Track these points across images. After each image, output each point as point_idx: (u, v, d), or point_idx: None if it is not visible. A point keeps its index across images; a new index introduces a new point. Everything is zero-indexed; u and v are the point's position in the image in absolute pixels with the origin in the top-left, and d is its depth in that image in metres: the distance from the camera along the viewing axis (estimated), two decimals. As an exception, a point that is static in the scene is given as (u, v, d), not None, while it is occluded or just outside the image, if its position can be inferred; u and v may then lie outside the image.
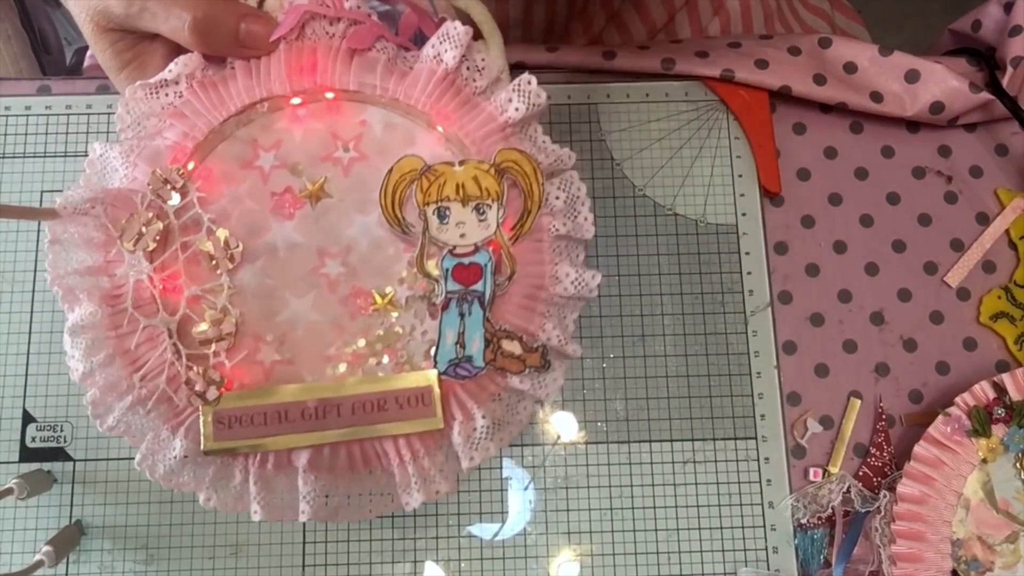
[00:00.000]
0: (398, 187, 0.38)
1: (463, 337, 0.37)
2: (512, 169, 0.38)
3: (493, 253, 0.38)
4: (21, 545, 0.48)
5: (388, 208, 0.38)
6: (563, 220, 0.39)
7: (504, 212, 0.38)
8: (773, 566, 0.49)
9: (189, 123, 0.39)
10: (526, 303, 0.38)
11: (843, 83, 0.54)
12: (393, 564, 0.48)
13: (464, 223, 0.38)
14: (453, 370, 0.37)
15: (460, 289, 0.37)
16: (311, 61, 0.39)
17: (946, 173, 0.55)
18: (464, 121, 0.39)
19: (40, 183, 0.53)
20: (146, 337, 0.37)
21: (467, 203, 0.38)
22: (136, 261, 0.37)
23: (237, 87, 0.39)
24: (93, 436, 0.49)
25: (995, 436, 0.48)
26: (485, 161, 0.38)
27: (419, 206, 0.38)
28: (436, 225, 0.38)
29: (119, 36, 0.40)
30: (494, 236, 0.38)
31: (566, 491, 0.50)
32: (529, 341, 0.37)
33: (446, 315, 0.37)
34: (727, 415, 0.51)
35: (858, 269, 0.53)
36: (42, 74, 0.72)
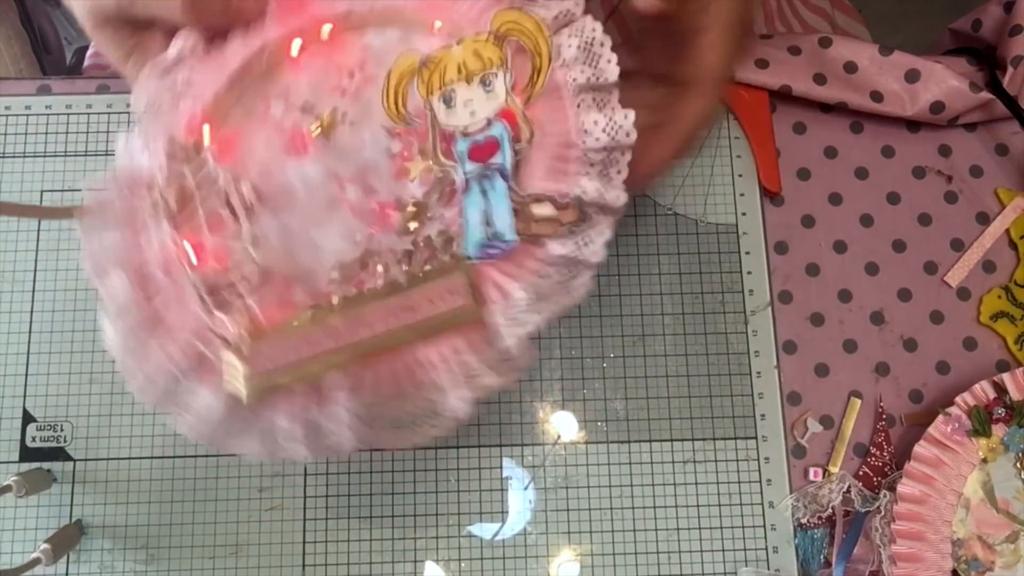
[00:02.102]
0: (398, 89, 0.36)
1: (488, 215, 0.35)
2: (512, 31, 0.36)
3: (508, 121, 0.36)
4: (21, 545, 0.48)
5: (393, 111, 0.36)
6: (581, 68, 0.36)
7: (511, 76, 0.36)
8: (773, 566, 0.49)
9: (196, 91, 0.38)
10: (556, 164, 0.35)
11: (843, 83, 0.54)
12: (393, 564, 0.48)
13: (472, 100, 0.36)
14: (484, 251, 0.35)
15: (479, 168, 0.35)
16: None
17: (946, 173, 0.55)
18: (459, 6, 0.37)
19: (40, 183, 0.53)
20: (175, 297, 0.36)
21: (471, 80, 0.36)
22: (159, 227, 0.36)
23: (234, 46, 0.39)
24: (93, 436, 0.49)
25: (995, 436, 0.48)
26: (482, 32, 0.36)
27: (423, 98, 0.36)
28: (444, 111, 0.36)
29: (118, 27, 0.40)
30: (505, 104, 0.36)
31: (566, 491, 0.50)
32: (561, 200, 0.34)
33: (467, 197, 0.35)
34: (727, 415, 0.51)
35: (858, 269, 0.53)
36: (42, 74, 0.72)
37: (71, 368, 0.50)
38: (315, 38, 0.39)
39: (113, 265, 0.36)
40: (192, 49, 0.39)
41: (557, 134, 0.36)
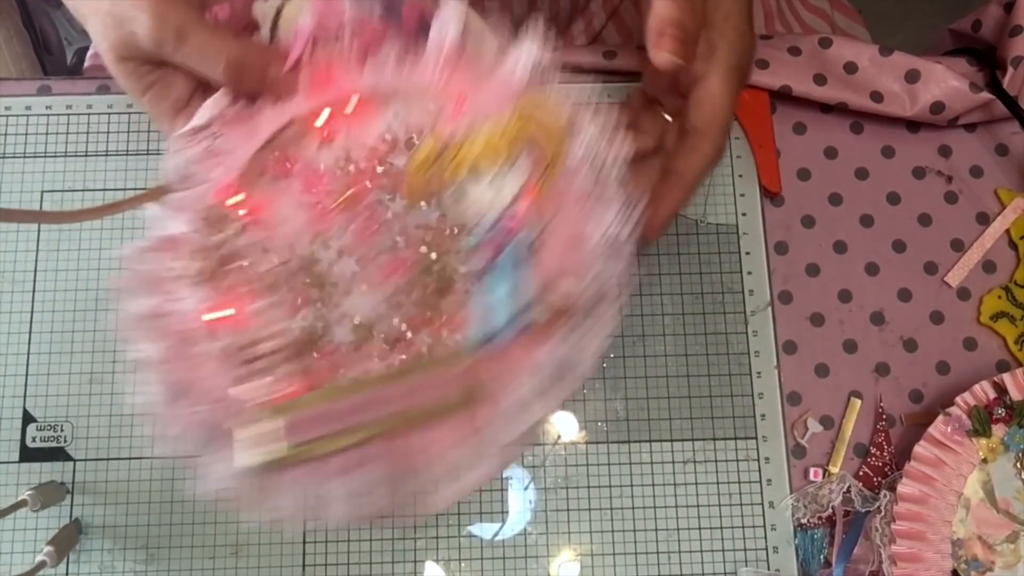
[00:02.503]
0: (420, 172, 0.39)
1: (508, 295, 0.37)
2: (529, 123, 0.38)
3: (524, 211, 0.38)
4: (21, 545, 0.48)
5: (414, 194, 0.39)
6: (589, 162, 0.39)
7: (529, 166, 0.38)
8: (773, 566, 0.49)
9: (227, 159, 0.40)
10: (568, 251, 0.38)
11: (843, 83, 0.54)
12: (393, 564, 0.48)
13: (490, 188, 0.38)
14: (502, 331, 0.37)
15: (494, 256, 0.38)
16: (327, 74, 0.41)
17: (946, 173, 0.55)
18: (479, 92, 0.40)
19: (40, 183, 0.53)
20: (210, 363, 0.38)
21: (491, 168, 0.38)
22: (191, 295, 0.38)
23: (264, 117, 0.41)
24: (93, 436, 0.49)
25: (995, 436, 0.48)
26: (501, 125, 0.38)
27: (444, 184, 0.39)
28: (463, 198, 0.39)
29: (141, 63, 0.40)
30: (523, 192, 0.38)
31: (566, 491, 0.50)
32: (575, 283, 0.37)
33: (487, 279, 0.38)
34: (727, 415, 0.51)
35: (858, 269, 0.53)
36: (44, 74, 0.73)
37: (71, 368, 0.50)
38: (341, 110, 0.41)
39: (147, 330, 0.38)
40: (222, 116, 0.40)
41: (571, 222, 0.38)
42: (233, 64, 0.39)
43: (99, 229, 0.52)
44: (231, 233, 0.39)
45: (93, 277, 0.51)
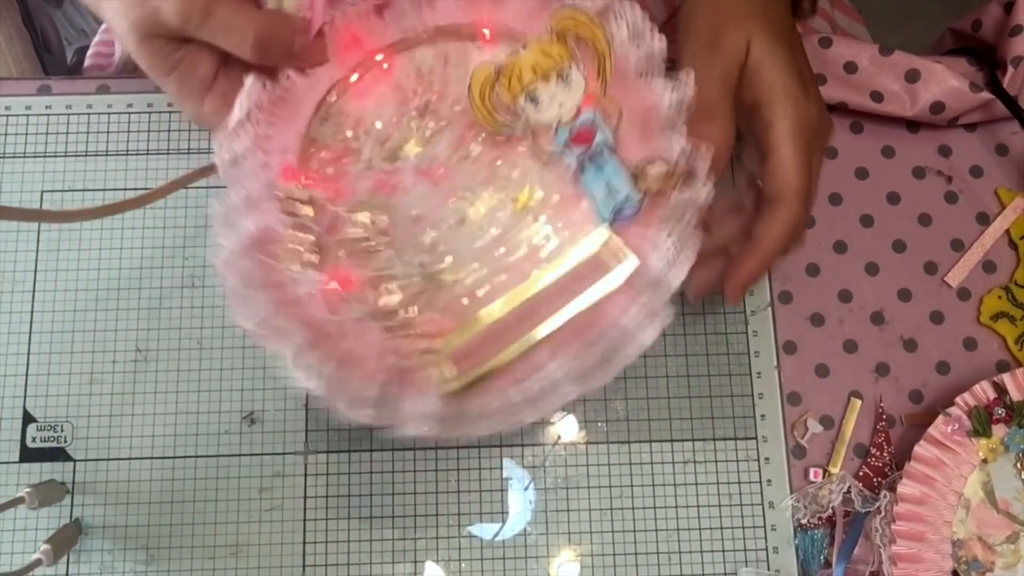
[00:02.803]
0: (483, 97, 0.39)
1: (610, 185, 0.38)
2: (570, 27, 0.39)
3: (595, 105, 0.39)
4: (21, 545, 0.48)
5: (486, 119, 0.40)
6: (634, 47, 0.40)
7: (584, 67, 0.39)
8: (773, 566, 0.49)
9: (280, 143, 0.41)
10: (643, 132, 0.39)
11: (843, 83, 0.54)
12: (393, 564, 0.48)
13: (556, 95, 0.39)
14: (618, 215, 0.38)
15: (584, 149, 0.39)
16: (352, 36, 0.41)
17: (946, 173, 0.55)
18: (504, 13, 0.41)
19: (40, 183, 0.53)
20: (357, 333, 0.39)
21: (548, 77, 0.39)
22: (309, 278, 0.39)
23: (302, 91, 0.41)
24: (93, 436, 0.49)
25: (995, 436, 0.48)
26: (543, 33, 0.39)
27: (511, 103, 0.39)
28: (533, 111, 0.39)
29: (165, 42, 0.40)
30: (586, 91, 0.39)
31: (566, 491, 0.50)
32: (667, 159, 0.38)
33: (586, 175, 0.39)
34: (727, 415, 0.51)
35: (858, 269, 0.53)
36: (44, 74, 0.72)
37: (71, 368, 0.50)
38: (372, 66, 0.42)
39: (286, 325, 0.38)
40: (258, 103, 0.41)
41: (635, 106, 0.40)
42: (261, 37, 0.39)
43: (99, 229, 0.52)
44: (314, 211, 0.40)
45: (93, 277, 0.51)
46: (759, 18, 0.45)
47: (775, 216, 0.43)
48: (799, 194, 0.43)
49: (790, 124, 0.43)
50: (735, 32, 0.44)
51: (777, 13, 0.46)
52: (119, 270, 0.52)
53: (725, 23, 0.45)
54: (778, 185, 0.43)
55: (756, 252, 0.44)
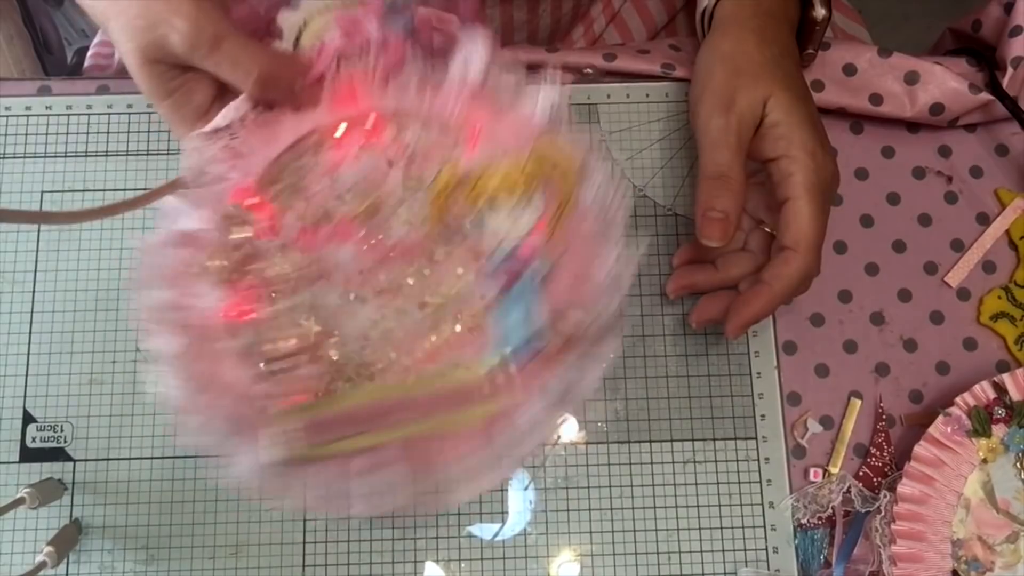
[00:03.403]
0: (441, 197, 0.40)
1: (529, 314, 0.39)
2: (545, 162, 0.40)
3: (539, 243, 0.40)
4: (21, 546, 0.48)
5: (435, 217, 0.40)
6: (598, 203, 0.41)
7: (543, 202, 0.40)
8: (773, 566, 0.49)
9: (246, 161, 0.41)
10: (576, 284, 0.40)
11: (842, 86, 0.54)
12: (393, 564, 0.48)
13: (507, 219, 0.40)
14: (523, 347, 0.39)
15: (512, 280, 0.39)
16: (350, 91, 0.42)
17: (946, 173, 0.55)
18: (497, 129, 0.41)
19: (40, 183, 0.53)
20: (231, 360, 0.39)
21: (508, 201, 0.40)
22: (211, 292, 0.39)
23: (287, 123, 0.42)
24: (93, 436, 0.50)
25: (995, 436, 0.48)
26: (519, 161, 0.40)
27: (468, 207, 0.40)
28: (481, 226, 0.40)
29: (167, 67, 0.40)
30: (537, 226, 0.40)
31: (566, 491, 0.50)
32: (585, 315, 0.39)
33: (503, 305, 0.39)
34: (727, 415, 0.51)
35: (858, 269, 0.53)
36: (44, 74, 0.73)
37: (71, 369, 0.50)
38: (359, 124, 0.42)
39: (167, 323, 0.38)
40: (243, 118, 0.41)
41: (579, 257, 0.40)
42: (265, 75, 0.40)
43: (99, 229, 0.52)
44: (248, 235, 0.40)
45: (93, 277, 0.52)
46: (776, 77, 0.47)
47: (787, 263, 0.45)
48: (812, 245, 0.45)
49: (808, 178, 0.45)
50: (751, 92, 0.46)
51: (792, 69, 0.49)
52: (119, 270, 0.52)
53: (741, 82, 0.47)
54: (794, 235, 0.45)
55: (765, 294, 0.45)
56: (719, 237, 0.45)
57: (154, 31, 0.38)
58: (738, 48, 0.48)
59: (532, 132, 0.41)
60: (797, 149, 0.45)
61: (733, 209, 0.45)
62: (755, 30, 0.48)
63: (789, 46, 0.50)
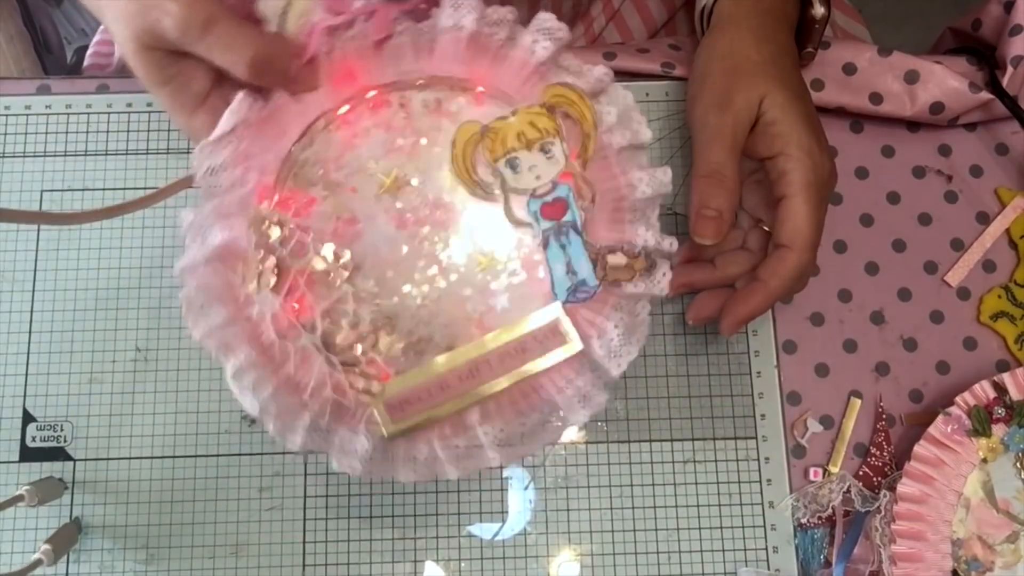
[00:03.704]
0: (465, 154, 0.41)
1: (570, 265, 0.40)
2: (561, 103, 0.40)
3: (571, 183, 0.40)
4: (21, 545, 0.48)
5: (464, 175, 0.41)
6: (621, 132, 0.41)
7: (567, 144, 0.40)
8: (773, 566, 0.49)
9: (260, 162, 0.41)
10: (614, 216, 0.40)
11: (842, 85, 0.54)
12: (393, 564, 0.48)
13: (536, 166, 0.40)
14: (572, 296, 0.40)
15: (553, 224, 0.40)
16: (347, 69, 0.42)
17: (946, 172, 0.55)
18: (500, 75, 0.41)
19: (40, 183, 0.53)
20: (299, 360, 0.39)
21: (532, 147, 0.40)
22: (264, 299, 0.39)
23: (291, 114, 0.42)
24: (93, 436, 0.50)
25: (995, 436, 0.48)
26: (534, 104, 0.40)
27: (490, 164, 0.40)
28: (511, 176, 0.40)
29: (163, 54, 0.40)
30: (565, 168, 0.40)
31: (566, 491, 0.50)
32: (629, 249, 0.40)
33: (549, 251, 0.40)
34: (727, 415, 0.51)
35: (858, 269, 0.53)
36: (44, 73, 0.73)
37: (71, 368, 0.50)
38: (363, 101, 0.42)
39: (233, 340, 0.39)
40: (245, 119, 0.41)
41: (610, 191, 0.41)
42: (259, 58, 0.39)
43: (99, 229, 0.52)
44: (282, 235, 0.40)
45: (93, 277, 0.51)
46: (773, 75, 0.47)
47: (784, 261, 0.45)
48: (808, 243, 0.45)
49: (804, 175, 0.45)
50: (747, 91, 0.46)
51: (789, 68, 0.49)
52: (119, 270, 0.52)
53: (738, 81, 0.47)
54: (790, 233, 0.45)
55: (760, 292, 0.45)
56: (712, 235, 0.45)
57: (146, 16, 0.38)
58: (735, 47, 0.48)
59: (537, 72, 0.41)
60: (793, 147, 0.45)
61: (727, 207, 0.45)
62: (752, 29, 0.48)
63: (787, 44, 0.49)
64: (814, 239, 0.45)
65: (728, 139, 0.46)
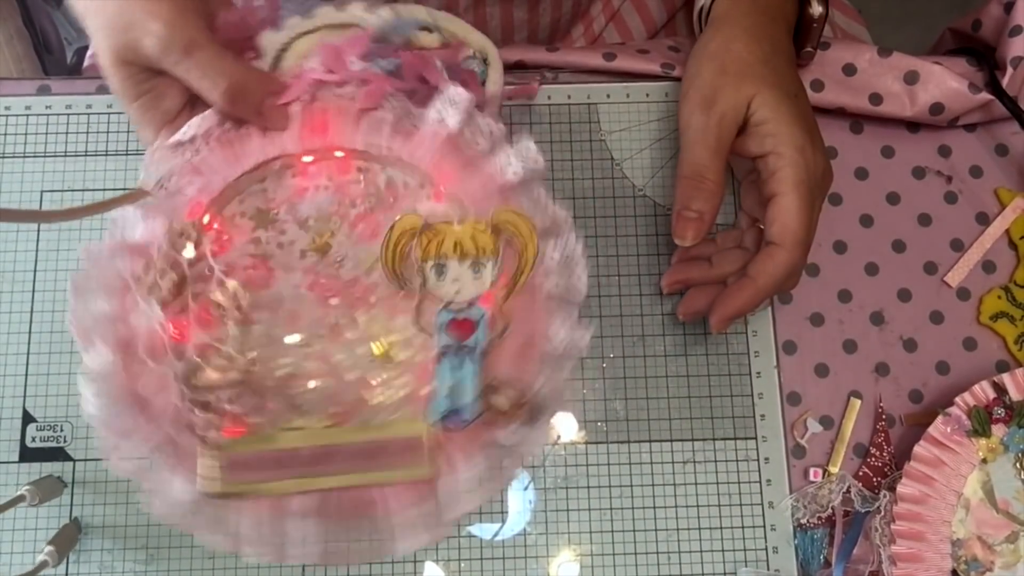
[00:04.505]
0: (399, 243, 0.40)
1: (455, 389, 0.39)
2: (508, 228, 0.40)
3: (489, 308, 0.39)
4: (21, 545, 0.48)
5: (389, 263, 0.40)
6: (557, 279, 0.40)
7: (499, 269, 0.40)
8: (773, 566, 0.49)
9: (206, 179, 0.41)
10: (520, 357, 0.39)
11: (842, 86, 0.54)
12: (393, 564, 0.48)
13: (460, 279, 0.40)
14: (445, 419, 0.39)
15: (454, 343, 0.39)
16: (322, 122, 0.42)
17: (946, 173, 0.55)
18: (465, 182, 0.41)
19: (40, 183, 0.53)
20: (156, 382, 0.38)
21: (464, 260, 0.40)
22: (150, 309, 0.38)
23: (252, 146, 0.41)
24: (93, 436, 0.49)
25: (995, 436, 0.48)
26: (483, 220, 0.40)
27: (417, 262, 0.40)
28: (433, 280, 0.40)
29: (139, 69, 0.40)
30: (488, 291, 0.39)
31: (566, 491, 0.50)
32: (517, 396, 0.39)
33: (440, 367, 0.39)
34: (727, 415, 0.51)
35: (858, 269, 0.53)
36: (44, 74, 0.73)
37: (71, 368, 0.50)
38: (326, 157, 0.42)
39: (100, 335, 0.38)
40: (208, 133, 0.41)
41: (526, 330, 0.39)
42: (233, 87, 0.40)
43: (98, 229, 0.52)
44: (194, 256, 0.39)
45: (93, 277, 0.51)
46: (763, 75, 0.47)
47: (772, 258, 0.45)
48: (798, 240, 0.45)
49: (795, 173, 0.45)
50: (734, 92, 0.46)
51: (782, 67, 0.48)
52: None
53: (727, 81, 0.47)
54: (779, 230, 0.45)
55: (749, 288, 0.46)
56: (692, 237, 0.45)
57: (129, 32, 0.38)
58: (726, 46, 0.48)
59: (501, 191, 0.41)
60: (784, 146, 0.45)
61: (708, 209, 0.45)
62: (747, 28, 0.48)
63: (781, 43, 0.49)
64: (804, 237, 0.45)
65: (712, 140, 0.46)
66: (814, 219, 0.46)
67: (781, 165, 0.45)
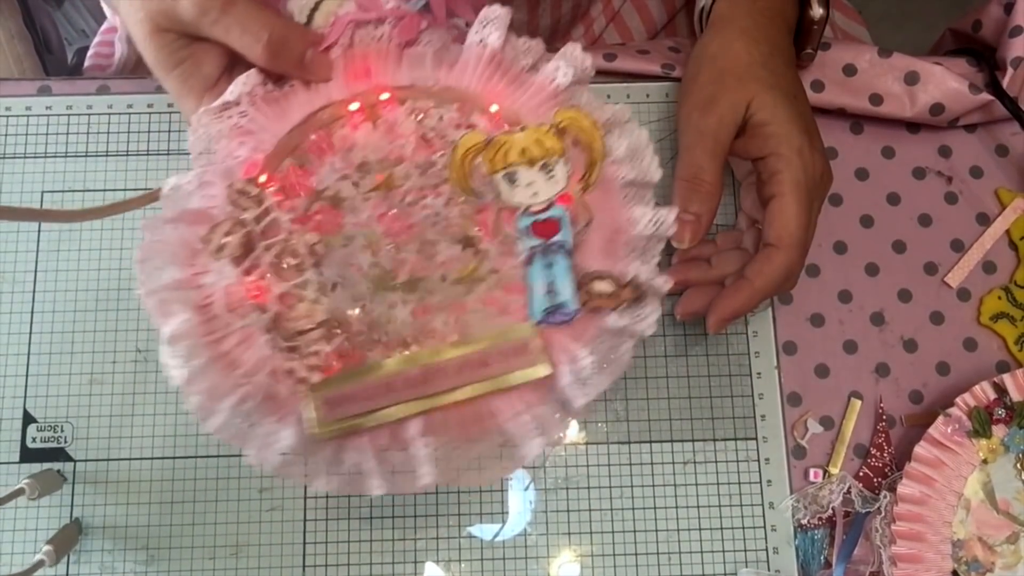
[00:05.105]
0: (464, 160, 0.39)
1: (552, 286, 0.38)
2: (571, 126, 0.39)
3: (568, 206, 0.39)
4: (22, 545, 0.48)
5: (460, 179, 0.39)
6: (629, 167, 0.40)
7: (571, 167, 0.39)
8: (773, 567, 0.49)
9: (256, 138, 0.40)
10: (608, 247, 0.39)
11: (842, 86, 0.54)
12: (393, 564, 0.48)
13: (534, 183, 0.39)
14: (549, 317, 0.38)
15: (541, 243, 0.38)
16: (365, 65, 0.41)
17: (946, 173, 0.55)
18: (516, 96, 0.41)
19: (41, 183, 0.53)
20: (241, 338, 0.37)
21: (534, 164, 0.39)
22: (222, 269, 0.38)
23: (298, 99, 0.41)
24: (93, 436, 0.50)
25: (995, 437, 0.48)
26: (544, 123, 0.39)
27: (488, 175, 0.39)
28: (507, 190, 0.39)
29: (175, 36, 0.40)
30: (565, 190, 0.39)
31: (566, 491, 0.50)
32: (618, 278, 0.38)
33: (531, 268, 0.38)
34: (727, 416, 0.51)
35: (858, 269, 0.53)
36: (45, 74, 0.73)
37: (72, 369, 0.50)
38: (374, 101, 0.41)
39: (178, 304, 0.37)
40: (252, 93, 0.40)
41: (608, 222, 0.39)
42: (275, 41, 0.39)
43: (99, 229, 0.52)
44: (258, 212, 0.39)
45: (93, 277, 0.52)
46: (760, 77, 0.47)
47: (769, 259, 0.45)
48: (796, 242, 0.45)
49: (794, 175, 0.45)
50: (732, 94, 0.46)
51: (781, 68, 0.48)
52: (119, 270, 0.52)
53: (724, 85, 0.47)
54: (777, 231, 0.45)
55: (745, 290, 0.45)
56: (689, 239, 0.45)
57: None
58: (725, 48, 0.48)
59: (555, 96, 0.41)
60: (783, 147, 0.45)
61: (705, 212, 0.45)
62: (746, 30, 0.48)
63: (780, 45, 0.49)
64: (802, 238, 0.45)
65: (710, 142, 0.46)
66: (812, 221, 0.46)
67: (780, 167, 0.45)
